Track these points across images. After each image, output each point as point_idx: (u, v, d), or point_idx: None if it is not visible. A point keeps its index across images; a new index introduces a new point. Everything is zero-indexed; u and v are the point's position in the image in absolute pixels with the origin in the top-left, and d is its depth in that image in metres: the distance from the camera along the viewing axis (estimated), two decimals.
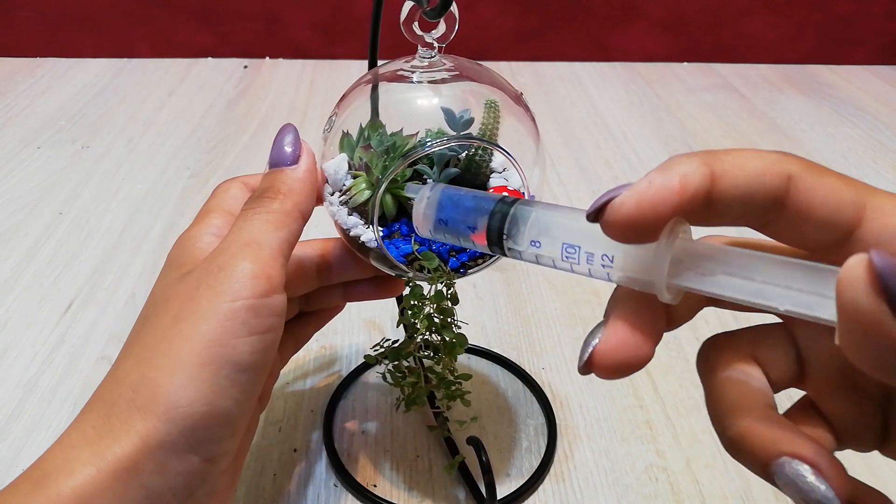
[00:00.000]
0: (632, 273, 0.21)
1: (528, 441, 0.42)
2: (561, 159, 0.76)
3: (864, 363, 0.16)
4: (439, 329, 0.34)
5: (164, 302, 0.27)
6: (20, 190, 0.67)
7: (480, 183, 0.35)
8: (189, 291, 0.26)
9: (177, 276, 0.28)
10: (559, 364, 0.48)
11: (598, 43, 1.04)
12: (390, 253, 0.32)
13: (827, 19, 1.03)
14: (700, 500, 0.39)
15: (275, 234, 0.28)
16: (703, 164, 0.19)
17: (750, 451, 0.20)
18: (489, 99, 0.33)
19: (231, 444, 0.26)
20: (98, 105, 0.86)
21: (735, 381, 0.21)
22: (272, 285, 0.26)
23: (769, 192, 0.19)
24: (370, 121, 0.34)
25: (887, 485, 0.40)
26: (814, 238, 0.19)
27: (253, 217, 0.28)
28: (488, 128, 0.33)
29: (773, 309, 0.19)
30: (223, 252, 0.27)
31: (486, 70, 0.35)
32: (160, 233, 0.61)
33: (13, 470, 0.39)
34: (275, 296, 0.26)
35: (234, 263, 0.26)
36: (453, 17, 0.32)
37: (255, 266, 0.26)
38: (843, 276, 0.15)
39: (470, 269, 0.34)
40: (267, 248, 0.27)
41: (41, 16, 0.98)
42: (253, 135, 0.80)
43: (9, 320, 0.51)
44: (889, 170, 0.76)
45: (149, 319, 0.27)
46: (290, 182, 0.29)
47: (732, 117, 0.88)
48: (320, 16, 1.00)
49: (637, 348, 0.20)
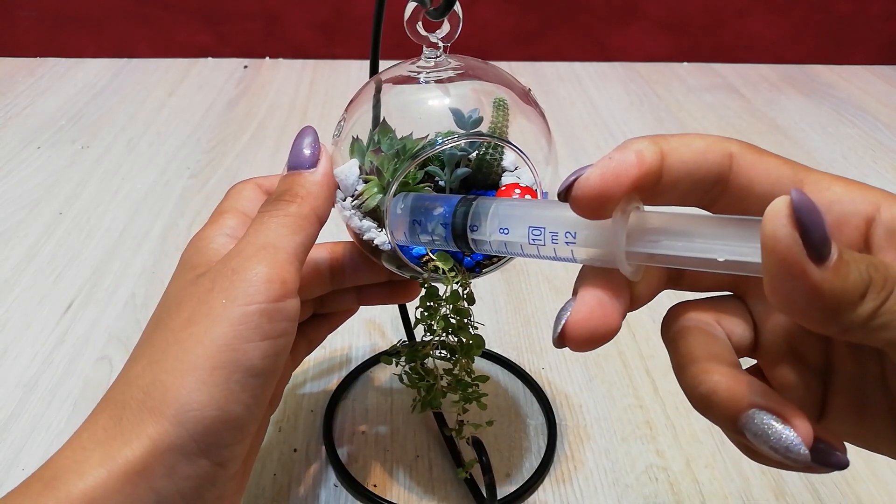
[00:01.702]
0: (593, 246, 0.23)
1: (529, 441, 0.42)
2: (561, 159, 0.76)
3: (782, 304, 0.18)
4: (456, 330, 0.34)
5: (177, 304, 0.27)
6: (20, 190, 0.67)
7: (492, 182, 0.34)
8: (202, 294, 0.26)
9: (190, 277, 0.28)
10: (559, 364, 0.48)
11: (598, 43, 1.04)
12: (404, 255, 0.32)
13: (827, 19, 1.03)
14: (700, 500, 0.39)
15: (291, 238, 0.28)
16: (654, 143, 0.21)
17: (720, 404, 0.20)
18: (498, 97, 0.32)
19: (241, 448, 0.26)
20: (98, 105, 0.86)
21: (703, 338, 0.22)
22: (286, 290, 0.26)
23: (712, 168, 0.21)
24: (380, 125, 0.33)
25: (888, 485, 0.40)
26: (757, 214, 0.20)
27: (269, 220, 0.28)
28: (498, 126, 0.32)
29: (714, 264, 0.20)
30: (238, 255, 0.27)
31: (493, 68, 0.35)
32: (160, 233, 0.61)
33: (13, 470, 0.39)
34: (289, 300, 0.26)
35: (249, 267, 0.26)
36: (457, 16, 0.32)
37: (270, 270, 0.26)
38: (767, 211, 0.17)
39: (485, 269, 0.33)
40: (282, 252, 0.27)
41: (41, 16, 0.98)
42: (253, 135, 0.80)
43: (9, 320, 0.51)
44: (889, 170, 0.76)
45: (161, 321, 0.27)
46: (308, 186, 0.29)
47: (732, 117, 0.88)
48: (320, 16, 1.00)
49: (606, 317, 0.22)
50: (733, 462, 0.41)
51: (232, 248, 0.28)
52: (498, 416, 0.44)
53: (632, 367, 0.48)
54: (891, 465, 0.42)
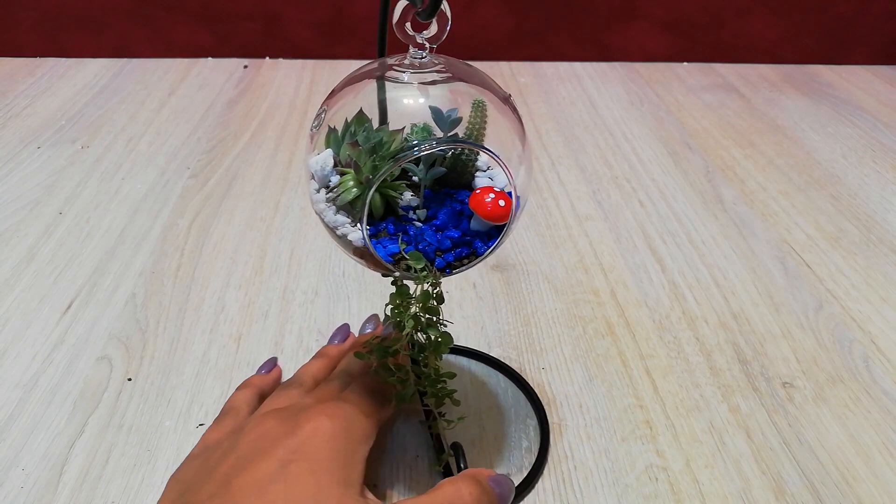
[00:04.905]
0: None
1: (529, 441, 0.42)
2: (561, 159, 0.76)
3: None
4: (425, 328, 0.34)
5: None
6: (20, 190, 0.67)
7: (466, 182, 0.35)
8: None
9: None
10: (559, 364, 0.48)
11: (598, 43, 1.04)
12: (377, 252, 0.33)
13: (827, 19, 1.03)
14: (700, 500, 0.39)
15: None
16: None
17: None
18: (477, 99, 0.33)
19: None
20: (98, 105, 0.86)
21: None
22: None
23: None
24: (356, 116, 0.34)
25: (888, 485, 0.40)
26: None
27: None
28: (475, 128, 0.33)
29: None
30: None
31: (477, 71, 0.35)
32: (160, 233, 0.61)
33: (13, 470, 0.39)
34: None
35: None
36: (445, 18, 0.32)
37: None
38: None
39: (455, 269, 0.34)
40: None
41: (41, 16, 0.98)
42: (253, 135, 0.80)
43: (9, 320, 0.51)
44: (889, 170, 0.76)
45: None
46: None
47: (732, 117, 0.88)
48: (320, 16, 1.00)
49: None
50: (733, 462, 0.41)
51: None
52: (498, 415, 0.44)
53: (632, 367, 0.48)
54: (891, 465, 0.42)
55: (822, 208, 0.68)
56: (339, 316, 0.52)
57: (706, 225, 0.65)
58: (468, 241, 0.34)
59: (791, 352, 0.50)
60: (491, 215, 0.33)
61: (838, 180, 0.74)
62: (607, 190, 0.71)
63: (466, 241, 0.34)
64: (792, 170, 0.76)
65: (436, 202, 0.34)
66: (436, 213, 0.34)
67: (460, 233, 0.34)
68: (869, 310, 0.54)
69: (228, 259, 0.58)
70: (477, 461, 0.41)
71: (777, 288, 0.56)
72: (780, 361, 0.49)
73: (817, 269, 0.59)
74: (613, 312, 0.53)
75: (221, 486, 0.30)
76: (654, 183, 0.72)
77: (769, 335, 0.51)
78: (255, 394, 0.41)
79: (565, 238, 0.62)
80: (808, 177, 0.74)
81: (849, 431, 0.44)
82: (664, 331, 0.51)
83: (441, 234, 0.34)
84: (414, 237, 0.33)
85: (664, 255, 0.60)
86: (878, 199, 0.70)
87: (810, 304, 0.55)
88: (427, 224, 0.34)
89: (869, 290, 0.57)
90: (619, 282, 0.56)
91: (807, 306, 0.54)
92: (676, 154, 0.78)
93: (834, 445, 0.43)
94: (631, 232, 0.63)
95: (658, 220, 0.65)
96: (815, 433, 0.43)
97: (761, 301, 0.55)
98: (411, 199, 0.34)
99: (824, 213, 0.67)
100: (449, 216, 0.34)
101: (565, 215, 0.66)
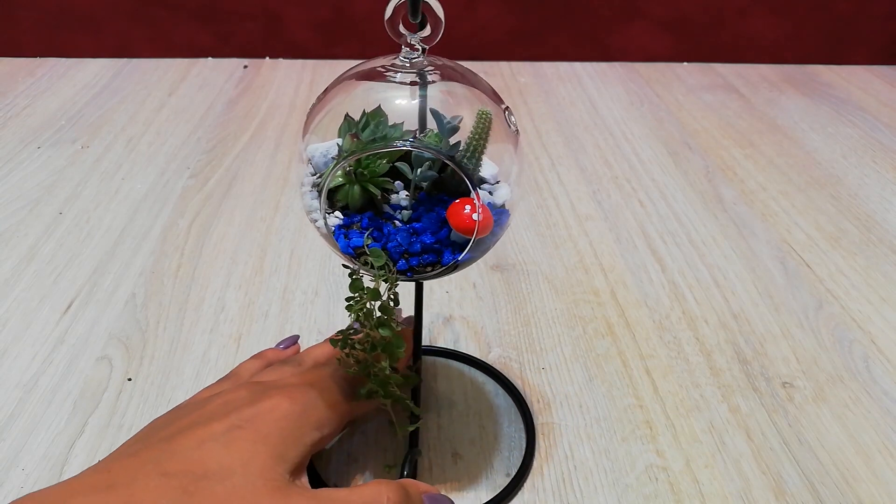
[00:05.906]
0: None
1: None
2: (561, 159, 0.76)
3: None
4: (375, 326, 0.34)
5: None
6: (20, 190, 0.67)
7: (464, 190, 0.34)
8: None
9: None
10: (559, 364, 0.48)
11: (598, 43, 1.04)
12: (339, 243, 0.33)
13: (827, 19, 1.03)
14: (700, 500, 0.39)
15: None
16: None
17: None
18: (482, 109, 0.32)
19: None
20: (98, 105, 0.86)
21: None
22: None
23: None
24: (374, 109, 0.34)
25: (888, 485, 0.40)
26: None
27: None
28: (474, 139, 0.32)
29: None
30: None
31: (473, 75, 0.35)
32: (160, 233, 0.61)
33: (13, 470, 0.39)
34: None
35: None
36: (438, 19, 0.32)
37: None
38: None
39: (417, 275, 0.34)
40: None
41: (41, 16, 0.98)
42: (253, 135, 0.80)
43: (9, 320, 0.51)
44: (889, 170, 0.76)
45: None
46: None
47: (732, 117, 0.88)
48: (320, 16, 1.00)
49: None
50: (733, 462, 0.41)
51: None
52: (498, 415, 0.44)
53: (632, 367, 0.48)
54: (891, 465, 0.42)
55: (822, 208, 0.68)
56: (339, 316, 0.52)
57: (706, 225, 0.65)
58: (437, 250, 0.33)
59: (791, 352, 0.50)
60: (461, 227, 0.32)
61: (838, 180, 0.74)
62: (607, 190, 0.71)
63: (436, 248, 0.33)
64: (792, 170, 0.76)
65: (426, 206, 0.34)
66: (419, 217, 0.33)
67: (434, 240, 0.33)
68: (869, 310, 0.54)
69: (228, 259, 0.58)
70: (476, 461, 0.41)
71: (777, 288, 0.56)
72: (780, 361, 0.49)
73: (817, 269, 0.59)
74: (613, 312, 0.53)
75: (173, 434, 0.32)
76: (654, 183, 0.72)
77: (769, 335, 0.51)
78: (262, 366, 0.40)
79: (565, 238, 0.62)
80: (808, 177, 0.74)
81: (849, 431, 0.44)
82: (664, 331, 0.51)
83: (416, 237, 0.33)
84: (385, 235, 0.33)
85: (664, 255, 0.60)
86: (878, 199, 0.70)
87: (810, 304, 0.55)
88: (407, 226, 0.33)
89: (869, 290, 0.57)
90: (619, 282, 0.56)
91: (807, 306, 0.54)
92: (676, 154, 0.78)
93: (834, 445, 0.43)
94: (631, 232, 0.63)
95: (658, 220, 0.65)
96: (815, 433, 0.43)
97: (761, 301, 0.55)
98: (402, 198, 0.34)
99: (824, 213, 0.67)
100: (432, 221, 0.33)
101: (565, 215, 0.66)
